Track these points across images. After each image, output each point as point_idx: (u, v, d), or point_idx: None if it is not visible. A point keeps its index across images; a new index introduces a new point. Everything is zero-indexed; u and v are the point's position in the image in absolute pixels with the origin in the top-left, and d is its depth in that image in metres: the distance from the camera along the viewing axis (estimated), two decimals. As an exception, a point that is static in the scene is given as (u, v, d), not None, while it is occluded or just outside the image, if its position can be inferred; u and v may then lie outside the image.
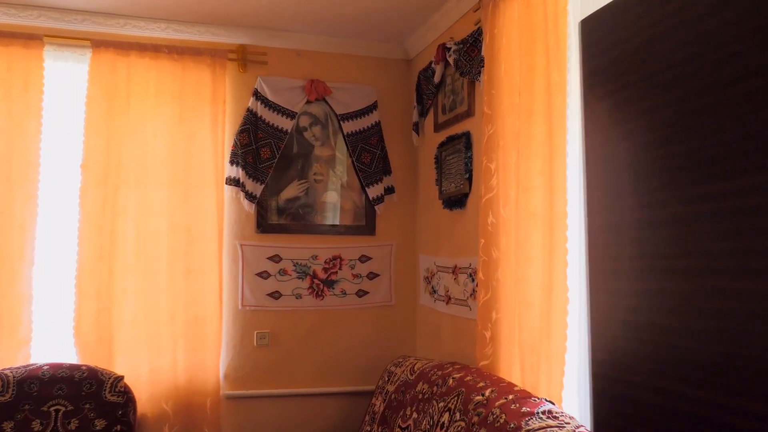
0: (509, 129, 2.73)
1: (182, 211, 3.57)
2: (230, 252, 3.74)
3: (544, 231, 2.45)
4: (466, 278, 3.32)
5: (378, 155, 3.98)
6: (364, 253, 3.99)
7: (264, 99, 3.79)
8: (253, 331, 3.75)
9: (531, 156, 2.53)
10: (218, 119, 3.68)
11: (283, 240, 3.84)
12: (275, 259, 3.81)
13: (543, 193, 2.46)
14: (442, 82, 3.64)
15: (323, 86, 3.87)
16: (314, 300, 3.87)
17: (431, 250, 3.83)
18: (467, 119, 3.33)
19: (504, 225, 2.75)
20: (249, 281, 3.75)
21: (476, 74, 3.14)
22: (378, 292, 4.00)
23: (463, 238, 3.37)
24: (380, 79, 4.09)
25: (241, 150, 3.72)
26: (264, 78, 3.80)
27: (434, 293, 3.75)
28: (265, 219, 3.81)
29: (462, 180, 3.34)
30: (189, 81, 3.64)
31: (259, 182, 3.76)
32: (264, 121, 3.79)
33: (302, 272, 3.85)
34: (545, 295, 2.41)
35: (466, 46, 3.25)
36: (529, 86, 2.55)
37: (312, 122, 3.94)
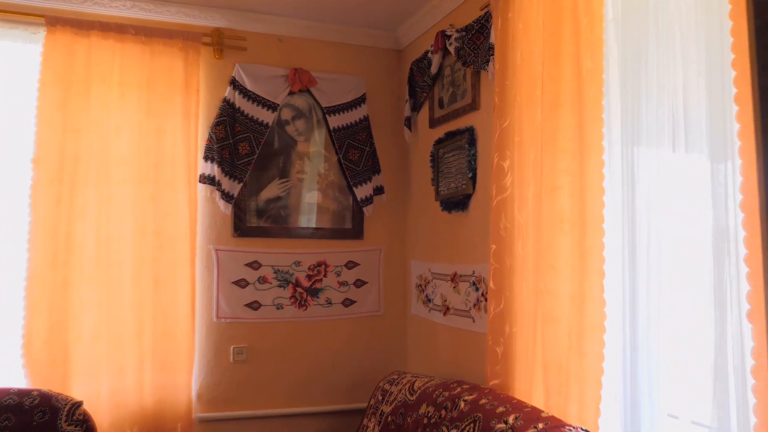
0: (527, 123, 2.46)
1: (150, 213, 3.18)
2: (204, 258, 3.36)
3: (573, 237, 2.18)
4: (469, 287, 3.03)
5: (367, 152, 3.66)
6: (351, 259, 3.66)
7: (242, 89, 3.43)
8: (230, 346, 3.38)
9: (557, 153, 2.26)
10: (191, 110, 3.30)
11: (263, 244, 3.48)
12: (254, 266, 3.45)
13: (571, 195, 2.19)
14: (440, 73, 3.35)
15: (308, 76, 3.53)
16: (297, 310, 3.52)
17: (425, 256, 3.53)
18: (471, 113, 3.05)
19: (520, 230, 2.48)
20: (225, 290, 3.38)
21: (483, 63, 2.86)
22: (366, 301, 3.69)
23: (465, 243, 3.09)
24: (368, 69, 3.78)
25: (217, 145, 3.35)
26: (242, 65, 3.44)
27: (429, 302, 3.46)
28: (243, 221, 3.44)
29: (464, 180, 3.06)
30: (158, 67, 3.25)
31: (236, 180, 3.39)
32: (242, 113, 3.43)
33: (284, 280, 3.50)
34: (575, 309, 2.14)
35: (471, 33, 2.97)
36: (554, 75, 2.28)
37: (295, 115, 3.60)
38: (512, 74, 2.56)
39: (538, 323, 2.32)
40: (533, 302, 2.38)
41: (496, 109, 2.64)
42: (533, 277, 2.40)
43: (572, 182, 2.19)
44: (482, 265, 2.91)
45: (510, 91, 2.57)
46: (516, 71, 2.54)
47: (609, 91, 2.10)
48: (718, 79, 1.67)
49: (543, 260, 2.30)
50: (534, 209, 2.41)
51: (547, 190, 2.29)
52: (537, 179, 2.40)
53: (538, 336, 2.33)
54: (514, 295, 2.51)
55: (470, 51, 2.98)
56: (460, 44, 3.06)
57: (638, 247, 1.91)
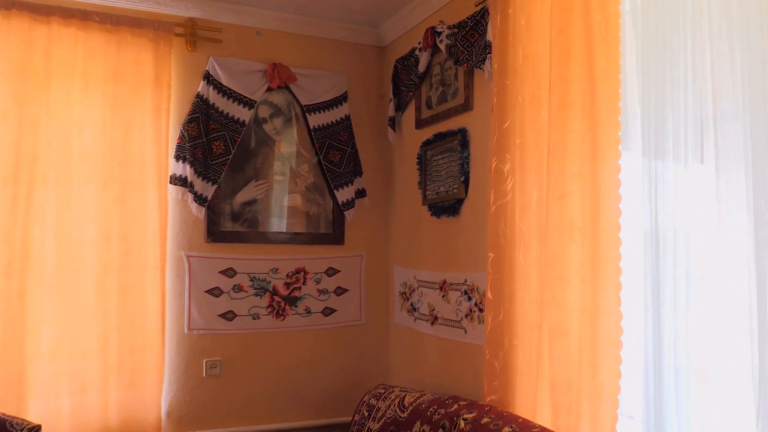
0: (530, 125, 2.34)
1: (116, 216, 2.93)
2: (175, 265, 3.12)
3: (583, 246, 2.06)
4: (460, 296, 2.89)
5: (348, 154, 3.48)
6: (332, 266, 3.48)
7: (217, 84, 3.20)
8: (202, 359, 3.15)
9: (566, 156, 2.13)
10: (162, 105, 3.06)
11: (238, 250, 3.26)
12: (229, 273, 3.23)
13: (582, 201, 2.07)
14: (428, 71, 3.20)
15: (287, 72, 3.33)
16: (274, 320, 3.31)
17: (410, 262, 3.38)
18: (463, 114, 2.91)
19: (522, 237, 2.36)
20: (197, 300, 3.14)
21: (479, 62, 2.72)
22: (346, 309, 3.51)
23: (456, 250, 2.94)
24: (350, 66, 3.60)
25: (189, 143, 3.11)
26: (217, 59, 3.22)
27: (414, 311, 3.30)
28: (217, 225, 3.22)
29: (455, 183, 2.92)
30: (126, 58, 2.99)
31: (210, 182, 3.16)
32: (217, 110, 3.20)
33: (260, 288, 3.29)
34: (587, 323, 2.02)
35: (465, 30, 2.83)
36: (563, 75, 2.16)
37: (273, 113, 3.39)
38: (513, 73, 2.43)
39: (544, 336, 2.20)
40: (537, 314, 2.26)
41: (494, 110, 2.50)
42: (538, 287, 2.27)
43: (583, 188, 2.07)
44: (475, 273, 2.78)
45: (511, 91, 2.44)
46: (517, 70, 2.41)
47: (626, 92, 1.98)
48: (759, 78, 1.57)
49: (550, 270, 2.17)
50: (538, 215, 2.29)
51: (554, 196, 2.16)
52: (541, 184, 2.28)
53: (544, 350, 2.20)
54: (514, 306, 2.38)
55: (463, 49, 2.84)
56: (452, 42, 2.92)
57: (663, 258, 1.80)
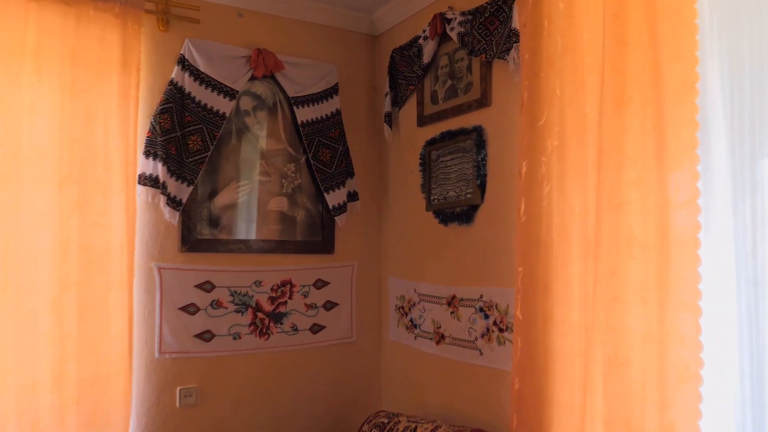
0: (571, 124, 2.07)
1: (75, 223, 2.48)
2: (144, 279, 2.69)
3: (646, 264, 1.79)
4: (474, 313, 2.59)
5: (340, 152, 3.13)
6: (321, 277, 3.12)
7: (194, 70, 2.79)
8: (175, 387, 2.73)
9: (623, 161, 1.86)
10: (130, 93, 2.62)
11: (217, 261, 2.86)
12: (206, 287, 2.82)
13: (644, 212, 1.80)
14: (432, 63, 2.89)
15: (273, 59, 2.95)
16: (257, 340, 2.93)
17: (410, 274, 3.06)
18: (479, 110, 2.61)
19: (561, 251, 2.09)
20: (170, 319, 2.72)
21: (502, 52, 2.43)
22: (337, 326, 3.15)
23: (469, 261, 2.65)
24: (340, 56, 3.25)
25: (162, 138, 2.69)
26: (194, 41, 2.80)
27: (414, 328, 2.99)
28: (193, 233, 2.80)
29: (469, 188, 2.62)
30: (87, 36, 2.54)
31: (185, 182, 2.75)
32: (193, 100, 2.79)
33: (242, 304, 2.90)
34: (653, 352, 1.76)
35: (483, 16, 2.53)
36: (618, 66, 1.88)
37: (257, 105, 3.00)
38: (549, 65, 2.15)
39: (595, 365, 1.92)
40: (583, 339, 1.99)
41: (524, 107, 2.22)
42: (583, 308, 2.00)
43: (645, 197, 1.80)
44: (494, 288, 2.50)
45: (546, 85, 2.16)
46: (555, 62, 2.13)
47: (706, 86, 1.72)
48: None
49: (603, 290, 1.90)
50: (582, 227, 2.02)
51: (609, 206, 1.89)
52: (585, 191, 2.01)
53: (594, 381, 1.92)
54: (551, 329, 2.10)
55: (481, 38, 2.54)
56: (466, 29, 2.62)
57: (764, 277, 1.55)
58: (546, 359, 2.11)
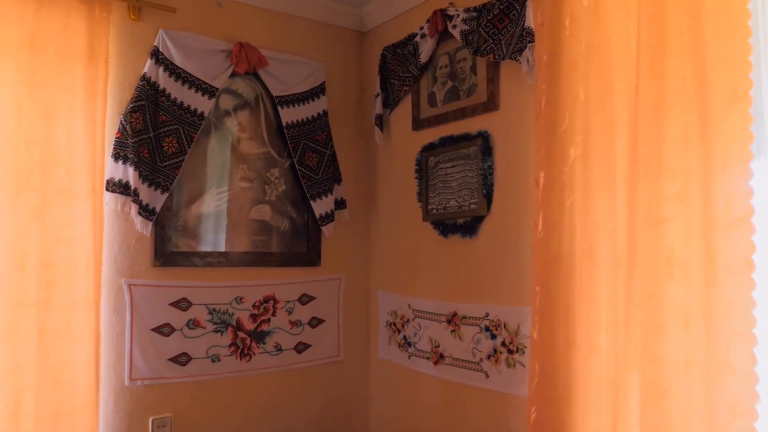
0: (597, 132, 1.91)
1: (33, 235, 2.17)
2: (112, 298, 2.40)
3: (689, 287, 1.64)
4: (479, 333, 2.42)
5: (327, 157, 2.90)
6: (306, 291, 2.88)
7: (169, 64, 2.51)
8: (148, 417, 2.45)
9: (661, 173, 1.71)
10: (97, 88, 2.33)
11: (194, 275, 2.59)
12: (182, 306, 2.55)
13: (686, 230, 1.66)
14: (430, 62, 2.70)
15: (257, 54, 2.70)
16: (238, 362, 2.67)
17: (403, 288, 2.85)
18: (484, 114, 2.43)
19: (584, 270, 1.93)
20: (141, 341, 2.44)
21: (513, 53, 2.25)
22: (323, 344, 2.92)
23: (473, 277, 2.47)
24: (326, 53, 3.02)
25: (133, 139, 2.41)
26: (169, 32, 2.53)
27: (408, 346, 2.79)
28: (168, 245, 2.52)
29: (474, 198, 2.44)
30: (48, 23, 2.24)
31: (159, 189, 2.47)
32: (168, 97, 2.51)
33: (221, 322, 2.64)
34: (698, 383, 1.61)
35: (491, 14, 2.36)
36: (657, 70, 1.73)
37: (238, 104, 2.74)
38: (571, 67, 1.99)
39: (628, 395, 1.76)
40: (614, 366, 1.83)
41: (542, 112, 2.05)
42: (613, 332, 1.85)
43: (688, 213, 1.66)
44: (502, 306, 2.32)
45: (568, 90, 2.00)
46: (578, 64, 1.97)
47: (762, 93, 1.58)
48: None
49: (638, 313, 1.74)
50: (609, 244, 1.87)
51: (646, 222, 1.73)
52: (614, 204, 1.86)
53: (628, 412, 1.76)
54: (573, 354, 1.94)
55: (488, 36, 2.36)
56: (471, 27, 2.44)
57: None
58: (568, 386, 1.95)
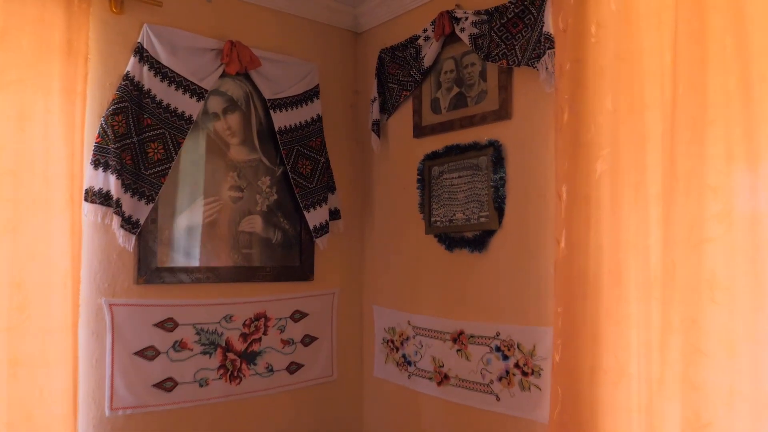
0: (627, 145, 1.82)
1: (5, 251, 1.94)
2: (92, 319, 2.18)
3: (733, 312, 1.56)
4: (489, 353, 2.29)
5: (322, 164, 2.73)
6: (299, 308, 2.71)
7: (154, 62, 2.30)
8: (130, 450, 2.24)
9: (703, 191, 1.62)
10: (75, 87, 2.11)
11: (181, 293, 2.38)
12: (167, 326, 2.34)
13: (730, 252, 1.57)
14: (434, 66, 2.56)
15: (248, 54, 2.51)
16: (228, 386, 2.48)
17: (401, 303, 2.71)
18: (495, 123, 2.32)
19: (613, 291, 1.83)
20: (123, 367, 2.22)
21: (530, 59, 2.14)
22: (316, 362, 2.75)
23: (482, 294, 2.34)
24: (319, 53, 2.85)
25: (115, 144, 2.19)
26: (155, 28, 2.32)
27: (408, 365, 2.65)
28: (152, 260, 2.31)
29: (483, 210, 2.32)
30: (21, 16, 2.01)
31: (143, 199, 2.26)
32: (154, 99, 2.30)
33: (210, 343, 2.44)
34: (745, 415, 1.53)
35: (504, 18, 2.24)
36: (696, 83, 1.64)
37: (228, 107, 2.55)
38: (597, 76, 1.89)
39: (669, 426, 1.67)
40: (645, 393, 1.73)
41: (565, 123, 1.95)
42: (646, 357, 1.75)
43: (732, 235, 1.57)
44: (515, 326, 2.21)
45: (594, 99, 1.90)
46: (605, 72, 1.88)
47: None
48: None
49: (679, 340, 1.65)
50: (641, 264, 1.76)
51: (685, 243, 1.64)
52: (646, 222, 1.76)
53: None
54: (600, 378, 1.85)
55: (501, 41, 2.24)
56: (481, 31, 2.31)
57: None
58: (594, 412, 1.85)
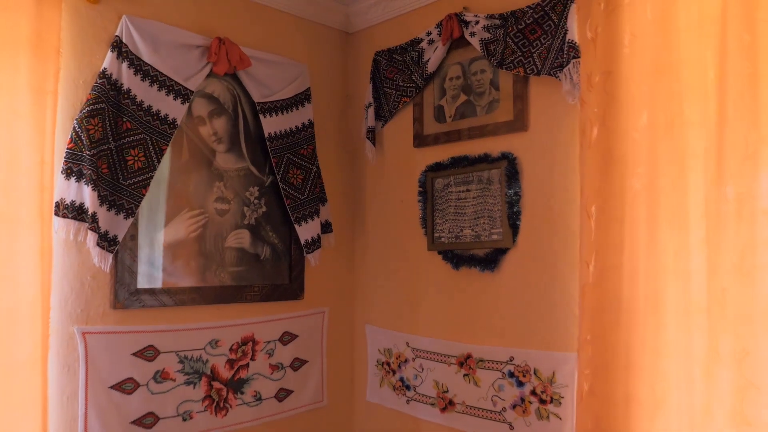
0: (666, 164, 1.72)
1: (-39, 275, 1.66)
2: (62, 350, 1.90)
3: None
4: (501, 378, 2.16)
5: (314, 174, 2.53)
6: (288, 329, 2.49)
7: (134, 59, 2.05)
8: (105, 497, 1.97)
9: (756, 215, 1.53)
10: (45, 87, 1.84)
11: (163, 317, 2.13)
12: (148, 355, 2.08)
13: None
14: (437, 72, 2.41)
15: (237, 52, 2.28)
16: (213, 418, 2.24)
17: (398, 323, 2.54)
18: (510, 134, 2.18)
19: (650, 319, 1.73)
20: (98, 403, 1.95)
21: (552, 68, 2.01)
22: (305, 388, 2.54)
23: (494, 316, 2.21)
24: (309, 54, 2.65)
25: (90, 150, 1.92)
26: (135, 20, 2.06)
27: (407, 389, 2.48)
28: (131, 281, 2.05)
29: (495, 227, 2.18)
30: (-18, -1, 1.73)
31: (122, 213, 2.00)
32: (134, 100, 2.05)
33: (194, 372, 2.20)
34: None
35: (521, 23, 2.10)
36: (748, 101, 1.55)
37: (213, 110, 2.31)
38: (633, 87, 1.79)
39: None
40: (689, 427, 1.63)
41: (595, 139, 1.83)
42: (686, 390, 1.64)
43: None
44: (530, 350, 2.08)
45: (627, 113, 1.80)
46: (640, 84, 1.77)
47: None
48: None
49: (729, 373, 1.57)
50: (680, 289, 1.67)
51: (738, 269, 1.56)
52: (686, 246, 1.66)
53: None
54: (636, 410, 1.75)
55: (517, 48, 2.11)
56: (495, 36, 2.17)
57: None
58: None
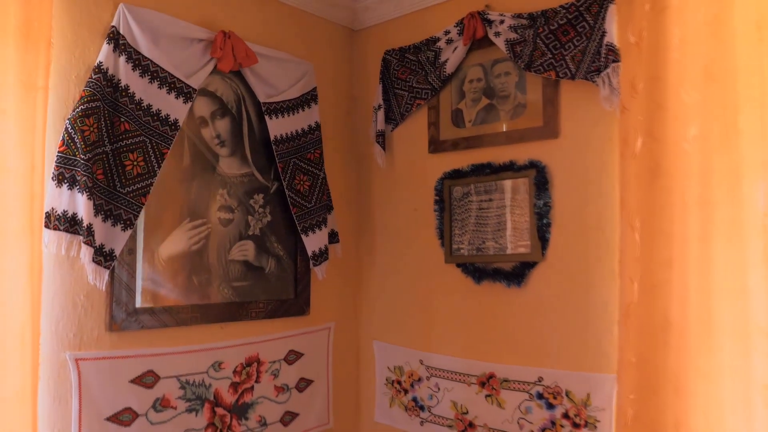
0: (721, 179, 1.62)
1: (-61, 299, 1.44)
2: (53, 380, 1.69)
3: None
4: (529, 400, 2.03)
5: (321, 180, 2.36)
6: (294, 347, 2.32)
7: (133, 52, 1.84)
8: None
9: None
10: (35, 82, 1.62)
11: (162, 340, 1.93)
12: (147, 381, 1.88)
13: None
14: (455, 73, 2.27)
15: (243, 48, 2.09)
16: (216, 448, 2.05)
17: (411, 340, 2.39)
18: (540, 141, 2.06)
19: (703, 341, 1.63)
20: (92, 436, 1.75)
21: (588, 72, 1.89)
22: (311, 410, 2.37)
23: (521, 333, 2.08)
24: (312, 51, 2.47)
25: (84, 154, 1.71)
26: (132, 9, 1.85)
27: (421, 410, 2.33)
28: (128, 301, 1.84)
29: (523, 239, 2.06)
30: (-37, -20, 1.51)
31: (120, 224, 1.79)
32: (132, 98, 1.84)
33: (196, 398, 2.00)
34: None
35: (553, 24, 1.98)
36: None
37: (216, 111, 2.12)
38: (683, 95, 1.67)
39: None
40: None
41: (640, 150, 1.72)
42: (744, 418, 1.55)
43: None
44: (561, 371, 1.97)
45: (675, 124, 1.68)
46: (691, 92, 1.66)
47: None
48: None
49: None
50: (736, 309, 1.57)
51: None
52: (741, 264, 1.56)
53: None
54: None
55: (547, 50, 1.99)
56: (522, 37, 2.05)
57: None
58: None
